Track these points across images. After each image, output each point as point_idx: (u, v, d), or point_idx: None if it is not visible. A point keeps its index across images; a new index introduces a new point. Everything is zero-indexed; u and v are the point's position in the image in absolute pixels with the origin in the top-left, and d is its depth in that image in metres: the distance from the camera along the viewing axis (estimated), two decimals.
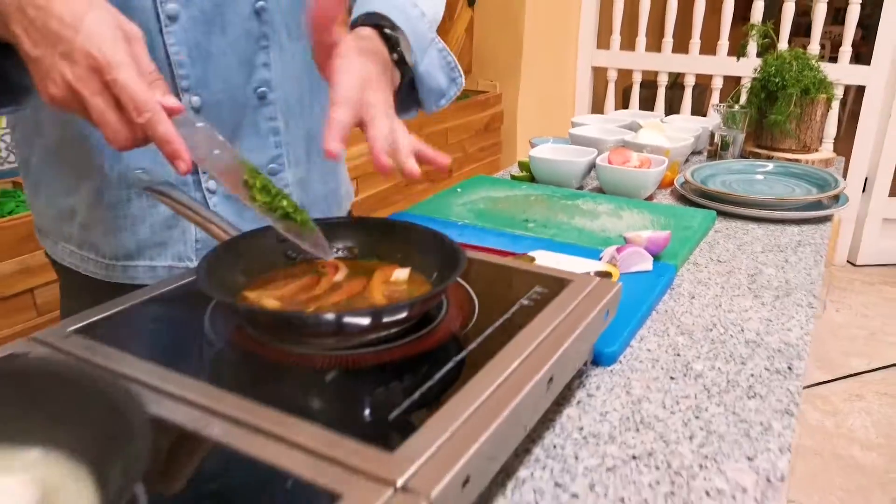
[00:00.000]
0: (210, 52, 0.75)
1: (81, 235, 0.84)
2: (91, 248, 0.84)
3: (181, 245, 0.84)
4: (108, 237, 0.82)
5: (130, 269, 0.84)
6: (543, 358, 0.55)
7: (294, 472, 0.42)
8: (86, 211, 0.82)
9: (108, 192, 0.80)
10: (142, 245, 0.83)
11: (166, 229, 0.83)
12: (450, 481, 0.42)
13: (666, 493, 0.55)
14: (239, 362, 0.56)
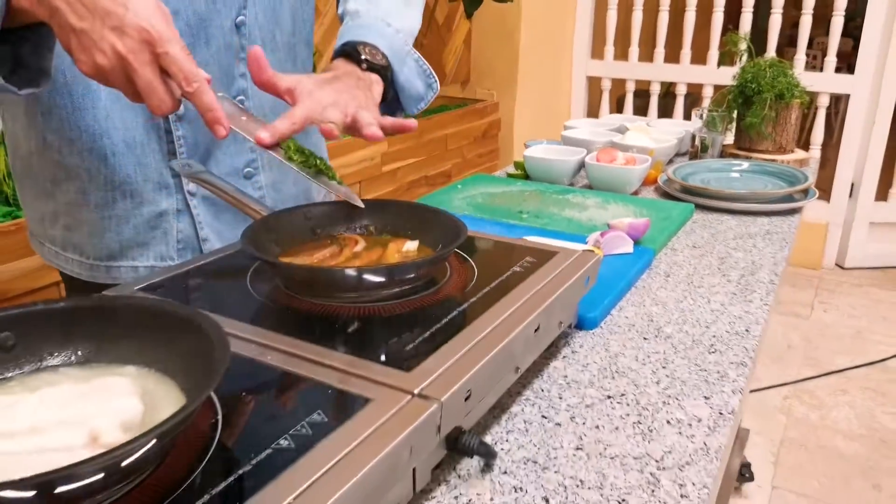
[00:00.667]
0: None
1: (65, 237, 0.89)
2: (75, 250, 0.89)
3: (163, 245, 0.89)
4: (93, 238, 0.87)
5: (113, 270, 0.89)
6: (531, 309, 0.66)
7: (333, 385, 0.53)
8: (69, 213, 0.87)
9: (94, 194, 0.85)
10: (125, 245, 0.88)
11: (149, 230, 0.88)
12: (455, 391, 0.53)
13: (634, 422, 0.66)
14: (279, 313, 0.67)
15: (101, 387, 0.46)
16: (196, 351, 0.49)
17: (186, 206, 0.89)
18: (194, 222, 0.90)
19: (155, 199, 0.87)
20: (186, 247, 0.90)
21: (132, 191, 0.85)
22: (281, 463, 0.44)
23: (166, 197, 0.87)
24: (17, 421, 0.42)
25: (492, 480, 0.58)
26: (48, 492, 0.36)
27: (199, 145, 0.87)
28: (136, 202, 0.86)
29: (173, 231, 0.89)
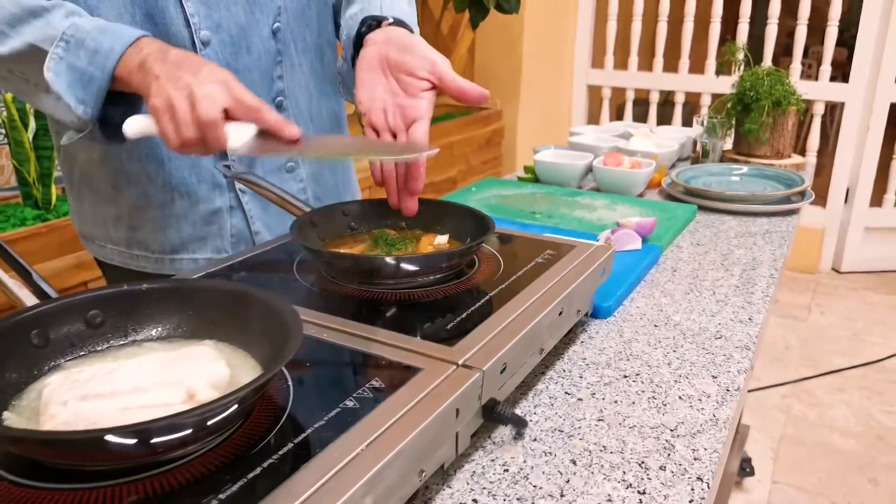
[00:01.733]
0: (237, 70, 0.89)
1: (129, 236, 0.96)
2: (140, 246, 0.97)
3: (219, 239, 0.97)
4: (157, 234, 0.95)
5: (177, 262, 0.97)
6: (555, 295, 0.73)
7: (386, 357, 0.59)
8: (133, 214, 0.95)
9: (155, 196, 0.93)
10: (185, 240, 0.96)
11: (206, 226, 0.96)
12: (494, 363, 0.59)
13: (649, 397, 0.73)
14: (326, 297, 0.73)
15: (190, 354, 0.53)
16: (267, 326, 0.56)
17: (239, 203, 0.97)
18: (246, 218, 0.97)
19: (209, 197, 0.94)
20: (240, 240, 0.98)
21: (188, 191, 0.93)
22: (350, 419, 0.50)
23: (219, 195, 0.95)
24: (121, 382, 0.49)
25: (523, 446, 0.64)
26: (175, 433, 0.43)
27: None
28: (193, 201, 0.94)
29: (227, 226, 0.97)
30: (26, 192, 1.79)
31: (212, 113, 0.68)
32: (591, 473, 0.60)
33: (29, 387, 0.52)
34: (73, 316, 0.57)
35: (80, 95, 0.73)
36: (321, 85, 1.01)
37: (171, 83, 0.69)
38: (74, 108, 0.73)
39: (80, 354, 0.56)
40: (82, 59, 0.72)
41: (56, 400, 0.47)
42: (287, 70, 0.96)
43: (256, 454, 0.47)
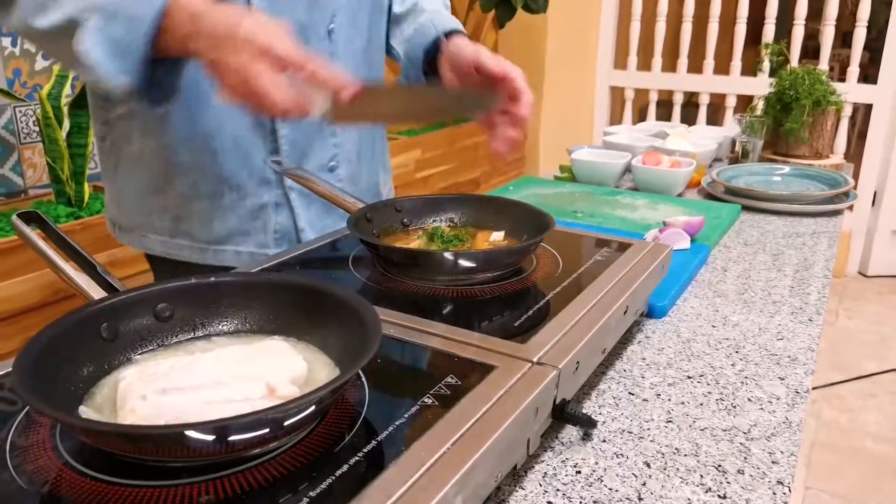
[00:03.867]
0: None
1: (174, 226, 0.96)
2: (185, 236, 0.96)
3: (262, 234, 0.97)
4: (203, 225, 0.95)
5: (220, 253, 0.97)
6: (620, 292, 0.71)
7: (457, 354, 0.58)
8: (181, 205, 0.94)
9: (204, 188, 0.93)
10: (231, 232, 0.96)
11: (251, 220, 0.96)
12: (569, 360, 0.58)
13: (717, 399, 0.71)
14: (383, 292, 0.72)
15: (266, 348, 0.51)
16: (341, 322, 0.54)
17: (286, 199, 0.96)
18: (293, 214, 0.97)
19: (257, 192, 0.94)
20: (283, 236, 0.97)
21: (238, 185, 0.93)
22: (431, 417, 0.49)
23: (267, 191, 0.95)
24: (200, 376, 0.47)
25: (593, 447, 0.63)
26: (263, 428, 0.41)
27: (297, 143, 0.94)
28: (241, 195, 0.94)
29: (272, 222, 0.96)
30: (59, 190, 1.79)
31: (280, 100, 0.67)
32: (667, 476, 0.59)
33: (102, 380, 0.51)
34: (142, 309, 0.56)
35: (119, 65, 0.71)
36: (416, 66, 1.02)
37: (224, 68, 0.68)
38: (114, 78, 0.71)
39: (149, 348, 0.55)
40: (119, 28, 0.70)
41: (134, 394, 0.46)
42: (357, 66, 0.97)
43: (340, 451, 0.45)
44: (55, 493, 0.42)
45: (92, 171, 2.04)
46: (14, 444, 0.46)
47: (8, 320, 1.56)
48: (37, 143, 1.93)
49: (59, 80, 1.74)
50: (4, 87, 1.84)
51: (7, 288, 1.55)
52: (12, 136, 1.90)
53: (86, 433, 0.43)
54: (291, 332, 0.57)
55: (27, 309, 1.59)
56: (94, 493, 0.42)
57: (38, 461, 0.45)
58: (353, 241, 0.83)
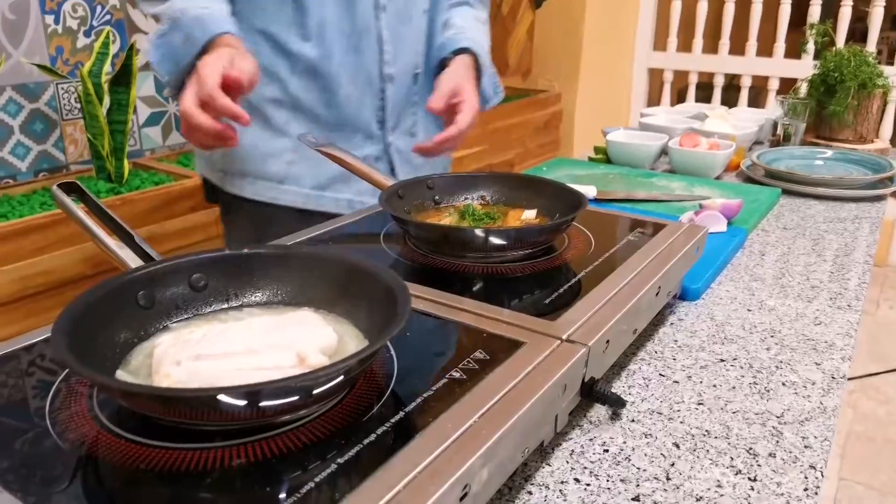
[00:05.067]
0: (402, 37, 1.03)
1: (286, 171, 1.06)
2: (293, 181, 1.06)
3: (362, 183, 0.99)
4: (312, 170, 1.05)
5: (322, 199, 1.07)
6: (652, 273, 0.70)
7: (487, 329, 0.58)
8: (296, 149, 1.04)
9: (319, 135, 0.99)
10: (335, 178, 1.06)
11: None
12: (599, 339, 0.57)
13: (749, 383, 0.70)
14: (414, 268, 0.72)
15: (296, 319, 0.52)
16: (368, 293, 0.55)
17: (386, 153, 1.09)
18: (392, 168, 1.10)
19: (362, 144, 1.06)
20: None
21: (347, 135, 1.04)
22: (458, 390, 0.49)
23: (371, 144, 1.07)
24: (232, 344, 0.48)
25: (622, 427, 0.62)
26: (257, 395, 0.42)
27: (397, 106, 1.07)
28: (349, 145, 1.00)
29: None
30: (100, 166, 1.83)
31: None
32: (696, 458, 0.58)
33: (138, 347, 0.52)
34: (178, 278, 0.57)
35: (168, 68, 0.90)
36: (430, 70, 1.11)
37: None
38: (161, 75, 0.91)
39: (184, 317, 0.56)
40: (178, 40, 0.88)
41: (169, 359, 0.47)
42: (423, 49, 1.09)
43: (368, 421, 0.46)
44: (94, 455, 0.44)
45: (131, 148, 2.07)
46: (53, 409, 0.48)
47: (49, 292, 1.61)
48: (78, 120, 1.97)
49: (99, 57, 1.77)
50: (47, 65, 1.87)
51: (48, 261, 1.59)
52: (55, 113, 1.94)
53: (123, 395, 0.44)
54: (322, 304, 0.57)
55: (67, 281, 1.63)
56: (132, 454, 0.43)
57: (77, 425, 0.46)
58: (384, 217, 0.83)
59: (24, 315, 1.56)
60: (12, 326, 1.54)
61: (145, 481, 0.41)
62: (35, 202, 1.74)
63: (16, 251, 1.53)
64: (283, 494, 0.40)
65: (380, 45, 1.01)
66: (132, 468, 0.42)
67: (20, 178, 1.89)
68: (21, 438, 0.45)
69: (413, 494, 0.39)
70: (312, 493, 0.40)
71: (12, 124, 1.84)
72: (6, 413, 0.48)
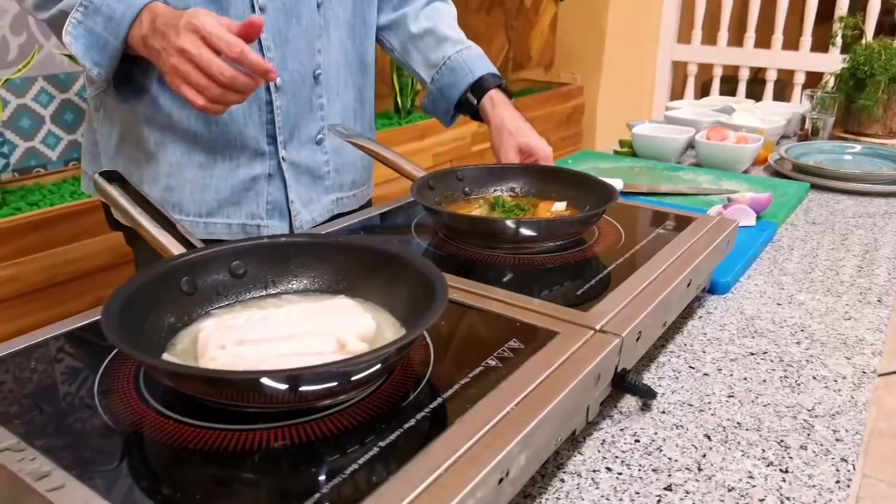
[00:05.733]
0: (288, 39, 0.91)
1: (164, 197, 0.94)
2: (174, 209, 0.94)
3: (254, 205, 0.95)
4: (194, 195, 0.93)
5: (210, 226, 0.95)
6: (683, 265, 0.70)
7: (521, 319, 0.58)
8: (173, 174, 0.93)
9: (198, 155, 0.92)
10: (222, 203, 0.94)
11: (243, 191, 0.94)
12: (632, 329, 0.58)
13: (780, 377, 0.70)
14: (446, 258, 0.73)
15: (334, 306, 0.53)
16: (405, 282, 0.56)
17: (279, 171, 0.96)
18: (285, 186, 0.96)
19: (251, 163, 0.93)
20: (275, 208, 0.96)
21: (231, 154, 0.92)
22: (494, 378, 0.50)
23: (261, 162, 0.94)
24: (274, 330, 0.49)
25: (652, 418, 0.63)
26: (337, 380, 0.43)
27: (290, 115, 0.94)
28: (234, 165, 0.93)
29: (264, 193, 0.95)
30: None
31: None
32: (728, 449, 0.58)
33: (182, 332, 0.54)
34: (219, 265, 0.58)
35: (95, 58, 0.81)
36: (349, 62, 1.02)
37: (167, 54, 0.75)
38: (90, 69, 0.81)
39: (225, 303, 0.57)
40: (98, 24, 0.79)
41: (214, 343, 0.48)
42: (324, 45, 0.96)
43: (406, 407, 0.47)
44: (140, 434, 0.45)
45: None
46: (101, 389, 0.49)
47: (77, 280, 1.63)
48: None
49: None
50: None
51: (77, 249, 1.62)
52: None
53: (172, 376, 0.45)
54: (358, 292, 0.58)
55: (96, 270, 1.66)
56: (177, 434, 0.44)
57: (124, 405, 0.47)
58: (415, 207, 0.84)
59: (53, 303, 1.59)
60: (42, 314, 1.57)
61: (191, 461, 0.43)
62: (65, 191, 1.77)
63: (46, 240, 1.56)
64: (324, 476, 0.41)
65: (260, 51, 0.88)
66: (178, 447, 0.43)
67: (50, 168, 1.92)
68: (72, 417, 0.46)
69: (454, 479, 0.40)
70: (354, 475, 0.41)
71: (43, 114, 1.87)
72: (57, 393, 0.49)
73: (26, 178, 1.84)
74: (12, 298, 1.53)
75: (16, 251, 1.52)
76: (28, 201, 1.68)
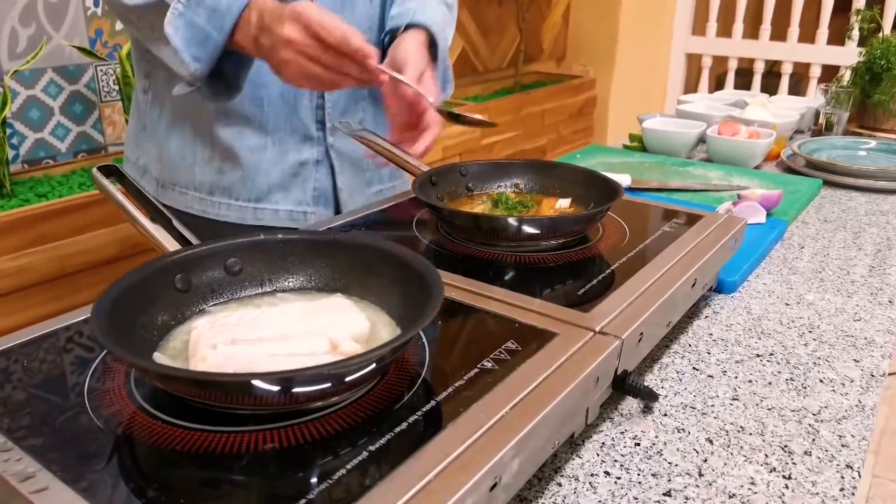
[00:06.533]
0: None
1: (216, 180, 0.94)
2: (224, 193, 0.94)
3: (301, 192, 0.96)
4: (246, 180, 0.93)
5: (259, 212, 0.95)
6: (688, 265, 0.69)
7: (519, 319, 0.57)
8: (226, 156, 0.92)
9: (250, 138, 0.92)
10: (272, 188, 0.94)
11: (292, 176, 0.95)
12: (633, 331, 0.57)
13: (786, 379, 0.68)
14: (447, 256, 0.72)
15: (329, 305, 0.52)
16: (401, 281, 0.55)
17: (327, 157, 0.96)
18: (333, 173, 0.97)
19: (300, 148, 0.94)
20: (321, 195, 0.97)
21: (281, 138, 0.93)
22: (490, 380, 0.49)
23: (309, 147, 0.95)
24: (267, 329, 0.49)
25: (654, 421, 0.62)
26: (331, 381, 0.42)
27: (339, 102, 0.95)
28: (284, 149, 0.93)
29: (311, 179, 0.96)
30: None
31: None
32: (730, 454, 0.57)
33: (175, 329, 0.53)
34: (214, 262, 0.57)
35: (195, 52, 0.76)
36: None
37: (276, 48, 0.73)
38: (189, 63, 0.77)
39: (220, 301, 0.57)
40: (201, 16, 0.75)
41: (205, 343, 0.47)
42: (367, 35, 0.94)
43: (399, 409, 0.46)
44: (130, 435, 0.44)
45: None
46: (92, 388, 0.49)
47: (87, 271, 1.64)
48: (116, 102, 2.00)
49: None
50: (87, 47, 1.90)
51: (86, 241, 1.63)
52: (94, 95, 1.97)
53: (161, 378, 0.45)
54: (354, 290, 0.58)
55: (105, 261, 1.66)
56: (167, 435, 0.44)
57: (114, 404, 0.47)
58: (417, 203, 0.83)
59: (63, 294, 1.60)
60: (52, 304, 1.58)
61: (179, 463, 0.42)
62: (74, 182, 1.77)
63: (55, 231, 1.57)
64: (314, 479, 0.40)
65: None
66: (167, 449, 0.43)
67: (60, 159, 1.92)
68: (61, 416, 0.46)
69: (444, 484, 0.39)
70: (343, 479, 0.40)
71: (52, 106, 1.87)
72: (46, 390, 0.49)
73: (35, 169, 1.85)
74: (21, 290, 1.54)
75: (25, 242, 1.53)
76: (37, 192, 1.69)
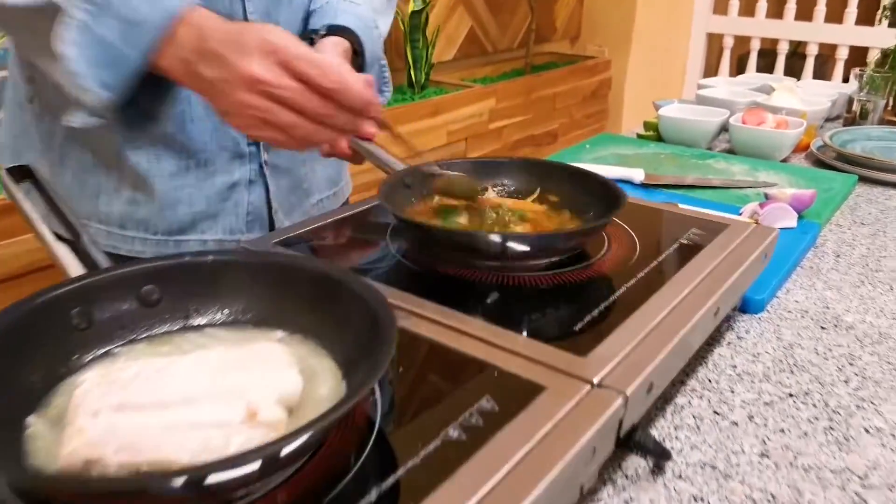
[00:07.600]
0: (278, 22, 0.77)
1: (127, 212, 0.79)
2: (138, 226, 0.80)
3: (233, 217, 0.83)
4: (164, 210, 0.79)
5: (182, 244, 0.82)
6: (710, 290, 0.57)
7: (499, 366, 0.46)
8: (138, 185, 0.78)
9: (168, 161, 0.77)
10: (197, 217, 0.81)
11: (220, 202, 0.82)
12: (640, 383, 0.45)
13: (825, 427, 0.57)
14: (421, 276, 0.61)
15: (256, 354, 0.41)
16: (352, 319, 0.44)
17: (261, 175, 0.83)
18: (267, 193, 0.84)
19: (229, 168, 0.81)
20: (255, 219, 0.84)
21: (207, 159, 0.79)
22: (453, 457, 0.38)
23: (240, 166, 0.81)
24: (168, 388, 0.38)
25: (665, 485, 0.51)
26: (199, 483, 0.31)
27: None
28: (210, 171, 0.80)
29: (244, 202, 0.83)
30: None
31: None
32: None
33: (65, 381, 0.43)
34: (125, 291, 0.47)
35: (105, 77, 0.57)
36: None
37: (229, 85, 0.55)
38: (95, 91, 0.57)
39: (130, 339, 0.46)
40: (113, 29, 0.56)
41: (87, 408, 0.37)
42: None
43: (332, 502, 0.35)
44: None
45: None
46: None
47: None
48: None
49: None
50: None
51: None
52: None
53: None
54: (296, 326, 0.47)
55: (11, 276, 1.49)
56: None
57: None
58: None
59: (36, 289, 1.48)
60: None
61: None
62: None
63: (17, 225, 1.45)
64: None
65: None
66: None
67: None
68: None
69: None
70: None
71: None
72: None
73: None
74: None
75: None
76: None
